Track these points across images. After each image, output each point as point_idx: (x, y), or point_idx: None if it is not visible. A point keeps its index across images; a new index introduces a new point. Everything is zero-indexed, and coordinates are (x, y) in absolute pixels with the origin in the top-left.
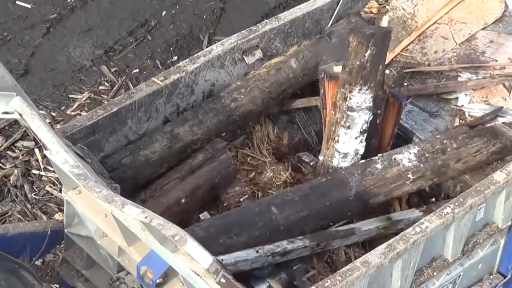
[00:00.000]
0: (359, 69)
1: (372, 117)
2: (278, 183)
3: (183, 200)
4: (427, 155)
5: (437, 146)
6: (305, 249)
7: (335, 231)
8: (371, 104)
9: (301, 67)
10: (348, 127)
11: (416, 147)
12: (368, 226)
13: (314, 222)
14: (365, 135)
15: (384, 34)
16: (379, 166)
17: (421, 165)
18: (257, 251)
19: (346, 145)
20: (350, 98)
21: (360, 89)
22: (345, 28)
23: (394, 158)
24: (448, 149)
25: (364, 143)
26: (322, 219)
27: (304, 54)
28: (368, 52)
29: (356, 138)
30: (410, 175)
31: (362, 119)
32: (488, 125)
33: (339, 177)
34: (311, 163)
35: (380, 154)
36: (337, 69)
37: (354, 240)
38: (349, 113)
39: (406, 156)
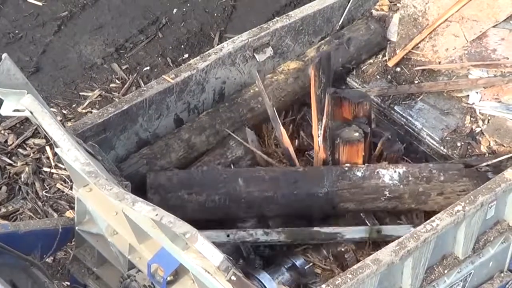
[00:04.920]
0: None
1: None
2: None
3: None
4: (410, 178)
5: (424, 174)
6: (278, 243)
7: (315, 231)
8: None
9: None
10: None
11: (404, 168)
12: (353, 234)
13: (276, 206)
14: None
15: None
16: (359, 174)
17: (401, 186)
18: (228, 235)
19: None
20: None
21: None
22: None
23: (377, 172)
24: (434, 180)
25: None
26: (285, 207)
27: None
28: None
29: None
30: (386, 192)
31: None
32: (484, 168)
33: (316, 172)
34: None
35: (367, 164)
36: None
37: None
38: None
39: (390, 174)
